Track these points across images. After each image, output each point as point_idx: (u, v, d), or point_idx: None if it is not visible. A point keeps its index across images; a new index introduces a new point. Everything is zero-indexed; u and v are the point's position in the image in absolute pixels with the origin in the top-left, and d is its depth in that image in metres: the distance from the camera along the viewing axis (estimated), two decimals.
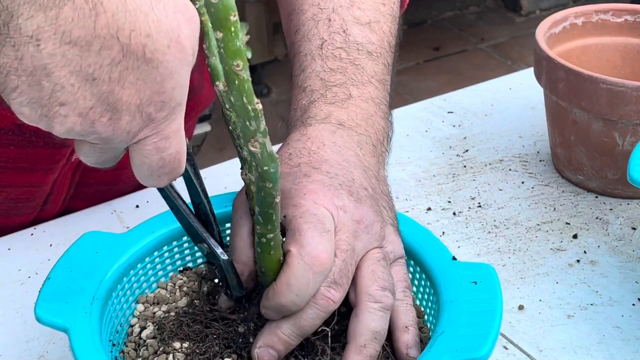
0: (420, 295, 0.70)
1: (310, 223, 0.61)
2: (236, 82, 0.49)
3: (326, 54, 0.77)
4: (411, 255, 0.70)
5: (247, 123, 0.51)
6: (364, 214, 0.64)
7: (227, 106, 0.55)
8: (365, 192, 0.66)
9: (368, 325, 0.62)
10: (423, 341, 0.65)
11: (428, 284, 0.68)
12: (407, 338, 0.64)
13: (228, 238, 0.69)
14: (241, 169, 0.56)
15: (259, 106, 0.50)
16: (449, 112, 1.14)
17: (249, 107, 0.50)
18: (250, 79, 0.49)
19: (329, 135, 0.69)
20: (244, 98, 0.49)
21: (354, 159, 0.68)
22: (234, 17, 0.46)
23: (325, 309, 0.61)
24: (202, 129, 2.35)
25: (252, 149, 0.52)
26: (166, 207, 0.75)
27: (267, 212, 0.56)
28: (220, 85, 0.50)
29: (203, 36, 0.48)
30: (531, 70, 1.03)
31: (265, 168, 0.53)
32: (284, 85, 3.24)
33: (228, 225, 0.75)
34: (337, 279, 0.61)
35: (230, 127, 0.53)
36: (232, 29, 0.46)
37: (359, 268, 0.63)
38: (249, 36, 2.28)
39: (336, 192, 0.64)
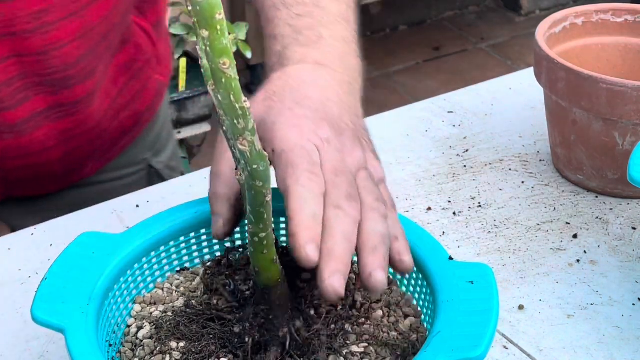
0: (417, 295, 0.70)
1: (302, 157, 0.63)
2: (223, 80, 0.49)
3: (289, 2, 0.79)
4: None
5: (235, 121, 0.51)
6: (345, 142, 0.67)
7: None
8: (345, 126, 0.69)
9: (374, 229, 0.63)
10: (420, 341, 0.65)
11: (425, 283, 0.68)
12: (397, 245, 0.65)
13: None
14: (235, 169, 0.56)
15: (247, 104, 0.50)
16: (449, 112, 1.14)
17: (237, 106, 0.50)
18: (237, 77, 0.49)
19: (309, 73, 0.72)
20: (232, 96, 0.49)
21: (334, 97, 0.71)
22: (220, 15, 0.46)
23: (353, 218, 0.62)
24: (202, 128, 2.35)
25: (240, 147, 0.52)
26: (167, 207, 0.75)
27: (259, 210, 0.56)
28: (210, 85, 0.50)
29: (197, 37, 0.49)
30: (531, 70, 1.03)
31: (255, 166, 0.53)
32: None
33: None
34: (352, 192, 0.63)
35: (224, 128, 0.53)
36: (218, 27, 0.46)
37: None
38: (234, 35, 2.28)
39: (320, 124, 0.67)
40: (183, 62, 2.33)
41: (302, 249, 0.60)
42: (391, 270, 0.73)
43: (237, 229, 0.75)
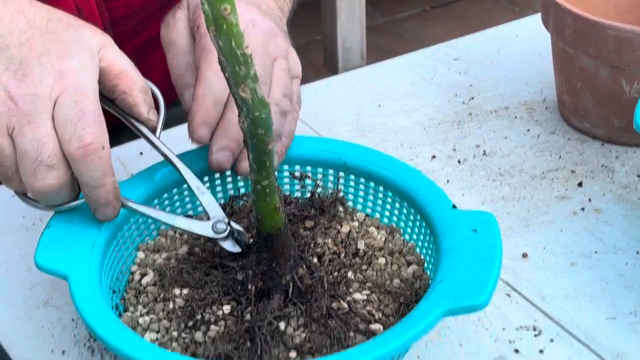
0: (420, 243, 0.70)
1: None
2: (224, 26, 0.48)
3: None
4: (412, 203, 0.70)
5: (237, 68, 0.50)
6: (271, 25, 0.71)
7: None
8: (269, 11, 0.74)
9: None
10: (422, 289, 0.65)
11: (428, 231, 0.68)
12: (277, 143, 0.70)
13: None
14: (238, 116, 0.56)
15: (249, 51, 0.49)
16: (454, 59, 1.12)
17: (238, 52, 0.49)
18: (238, 23, 0.48)
19: None
20: (233, 42, 0.49)
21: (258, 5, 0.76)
22: None
23: None
24: None
25: (242, 94, 0.51)
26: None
27: (261, 159, 0.56)
28: (211, 30, 0.49)
29: None
30: (539, 16, 1.01)
31: (257, 114, 0.53)
32: None
33: (229, 172, 0.75)
34: (262, 78, 0.66)
35: (226, 75, 0.53)
36: None
37: None
38: None
39: (246, 7, 0.70)
40: None
41: (195, 130, 0.68)
42: (394, 218, 0.73)
43: (241, 177, 0.75)
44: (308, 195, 0.73)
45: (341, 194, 0.73)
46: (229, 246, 0.66)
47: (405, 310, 0.63)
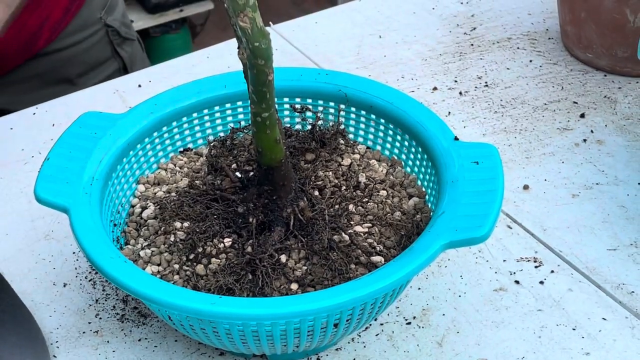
0: (421, 176, 0.70)
1: None
2: None
3: None
4: (413, 135, 0.69)
5: None
6: None
7: None
8: None
9: None
10: (424, 221, 0.65)
11: (429, 164, 0.67)
12: None
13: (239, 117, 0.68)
14: (238, 47, 0.55)
15: None
16: None
17: None
18: None
19: None
20: None
21: None
22: None
23: None
24: (205, 6, 2.31)
25: (241, 24, 0.50)
26: (169, 86, 0.74)
27: (261, 90, 0.55)
28: None
29: None
30: None
31: (257, 44, 0.52)
32: None
33: (228, 105, 0.74)
34: None
35: (225, 5, 0.52)
36: None
37: None
38: None
39: None
40: None
41: None
42: (396, 151, 0.73)
43: (241, 109, 0.74)
44: (309, 127, 0.72)
45: (342, 127, 0.73)
46: None
47: (407, 243, 0.63)
